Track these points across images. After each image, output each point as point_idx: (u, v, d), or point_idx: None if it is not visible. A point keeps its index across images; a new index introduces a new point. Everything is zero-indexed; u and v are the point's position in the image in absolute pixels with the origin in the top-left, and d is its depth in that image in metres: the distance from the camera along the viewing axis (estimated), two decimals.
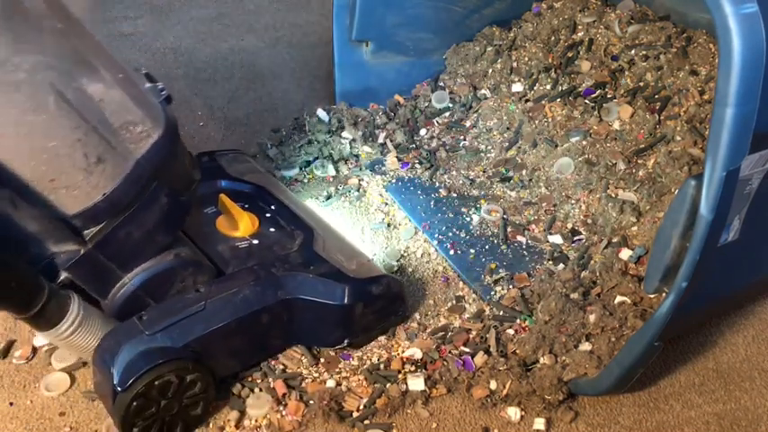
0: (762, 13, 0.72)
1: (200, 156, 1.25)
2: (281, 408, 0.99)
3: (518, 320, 1.09)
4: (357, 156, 1.42)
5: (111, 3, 1.90)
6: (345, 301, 1.01)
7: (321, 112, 1.45)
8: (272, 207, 1.16)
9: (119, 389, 0.88)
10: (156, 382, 0.89)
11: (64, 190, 0.84)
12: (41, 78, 0.78)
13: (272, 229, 1.12)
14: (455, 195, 1.34)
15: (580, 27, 1.46)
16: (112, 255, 0.92)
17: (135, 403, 0.89)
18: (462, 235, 1.26)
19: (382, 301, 1.05)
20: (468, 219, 1.29)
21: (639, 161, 1.25)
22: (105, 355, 0.91)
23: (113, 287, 0.95)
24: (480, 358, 1.04)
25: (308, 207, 1.22)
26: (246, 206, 1.13)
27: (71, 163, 0.83)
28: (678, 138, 1.23)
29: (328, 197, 1.33)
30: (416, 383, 1.01)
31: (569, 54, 1.43)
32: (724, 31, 0.72)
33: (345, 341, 1.05)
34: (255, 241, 1.09)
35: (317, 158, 1.39)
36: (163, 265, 0.97)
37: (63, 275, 0.91)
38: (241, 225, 1.09)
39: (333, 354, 1.06)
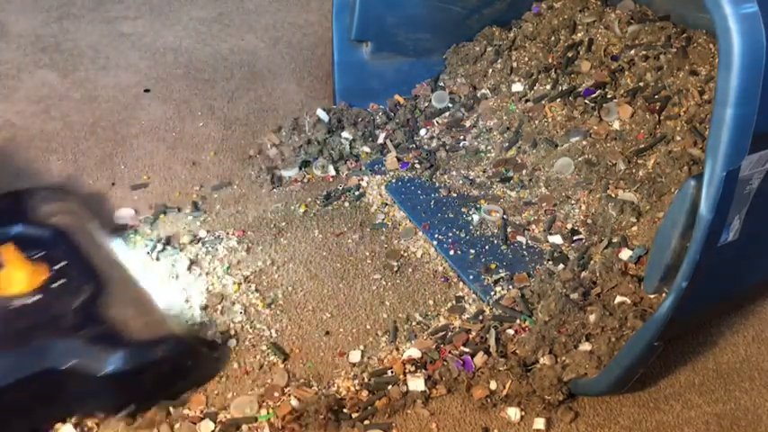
0: (762, 13, 0.72)
1: (2, 197, 1.17)
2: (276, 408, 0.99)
3: (518, 320, 1.09)
4: (357, 156, 1.42)
5: (111, 3, 1.90)
6: (115, 368, 0.91)
7: (321, 112, 1.45)
8: (68, 256, 1.06)
9: None
10: None
11: None
12: None
13: (59, 283, 1.01)
14: (455, 195, 1.34)
15: (580, 27, 1.46)
16: None
17: None
18: (462, 235, 1.26)
19: (164, 365, 0.96)
20: (468, 219, 1.29)
21: (639, 161, 1.25)
22: None
23: None
24: (480, 358, 1.04)
25: (113, 253, 1.12)
26: (41, 254, 1.05)
27: None
28: (678, 138, 1.23)
29: (328, 197, 1.33)
30: (416, 384, 1.00)
31: (569, 54, 1.43)
32: (724, 31, 0.72)
33: (125, 411, 0.95)
34: (34, 298, 0.99)
35: (316, 158, 1.39)
36: None
37: None
38: (14, 282, 1.00)
39: (330, 359, 1.06)
